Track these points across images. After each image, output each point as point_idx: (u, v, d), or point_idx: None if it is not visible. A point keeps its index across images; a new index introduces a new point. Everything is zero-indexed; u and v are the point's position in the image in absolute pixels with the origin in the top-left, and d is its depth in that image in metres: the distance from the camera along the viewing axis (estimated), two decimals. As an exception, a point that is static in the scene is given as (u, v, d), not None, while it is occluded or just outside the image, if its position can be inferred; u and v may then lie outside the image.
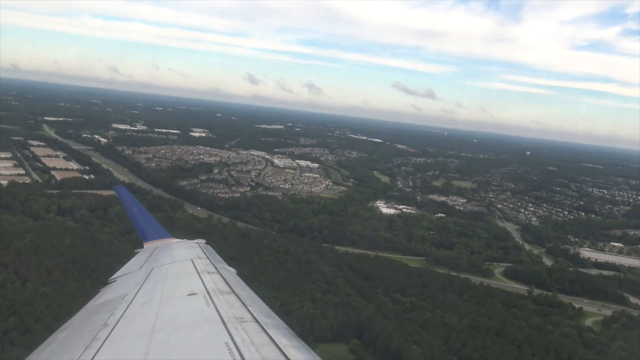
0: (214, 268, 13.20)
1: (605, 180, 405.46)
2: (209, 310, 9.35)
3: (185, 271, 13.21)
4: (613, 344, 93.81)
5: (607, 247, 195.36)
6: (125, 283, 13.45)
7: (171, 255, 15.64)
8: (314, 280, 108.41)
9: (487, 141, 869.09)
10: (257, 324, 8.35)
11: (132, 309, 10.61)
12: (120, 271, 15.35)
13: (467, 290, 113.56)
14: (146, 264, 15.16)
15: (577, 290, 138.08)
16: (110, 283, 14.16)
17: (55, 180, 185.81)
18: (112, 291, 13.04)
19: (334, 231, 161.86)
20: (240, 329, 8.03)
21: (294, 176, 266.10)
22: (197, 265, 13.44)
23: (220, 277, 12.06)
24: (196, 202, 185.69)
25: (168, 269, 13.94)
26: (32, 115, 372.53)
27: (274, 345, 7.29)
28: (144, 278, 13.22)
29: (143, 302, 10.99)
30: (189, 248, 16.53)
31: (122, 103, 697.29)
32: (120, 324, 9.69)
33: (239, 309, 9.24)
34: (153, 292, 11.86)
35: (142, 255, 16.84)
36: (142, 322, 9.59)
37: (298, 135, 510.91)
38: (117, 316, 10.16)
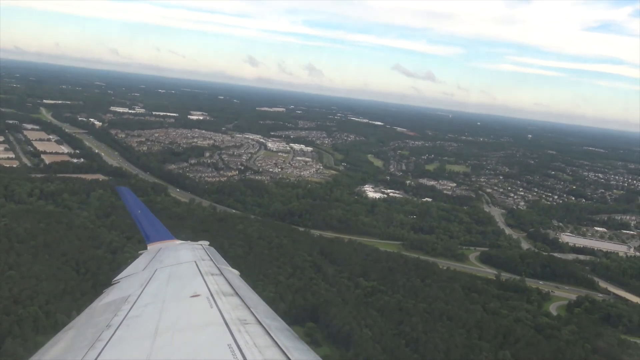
0: (218, 270, 13.31)
1: (604, 164, 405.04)
2: (212, 312, 9.44)
3: (189, 273, 13.34)
4: (565, 328, 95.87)
5: (589, 231, 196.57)
6: (129, 284, 13.57)
7: (174, 257, 15.80)
8: (281, 265, 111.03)
9: (492, 124, 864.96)
10: (260, 326, 8.44)
11: (136, 310, 10.74)
12: (124, 272, 15.50)
13: (432, 275, 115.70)
14: (150, 266, 15.23)
15: (549, 275, 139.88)
16: (114, 284, 14.29)
17: (44, 164, 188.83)
18: (115, 292, 13.15)
19: (314, 216, 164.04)
20: (243, 331, 8.12)
21: (285, 160, 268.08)
22: (200, 267, 13.57)
23: (224, 279, 12.18)
24: (182, 186, 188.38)
25: (171, 270, 14.08)
26: (30, 98, 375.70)
27: (277, 348, 7.37)
28: (148, 279, 13.34)
29: (146, 304, 11.13)
30: (192, 250, 16.65)
31: (125, 85, 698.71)
32: (124, 325, 9.82)
33: (242, 311, 9.33)
34: (156, 293, 11.99)
35: (146, 257, 16.98)
36: (145, 324, 9.72)
37: (297, 118, 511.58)
38: (121, 317, 10.30)
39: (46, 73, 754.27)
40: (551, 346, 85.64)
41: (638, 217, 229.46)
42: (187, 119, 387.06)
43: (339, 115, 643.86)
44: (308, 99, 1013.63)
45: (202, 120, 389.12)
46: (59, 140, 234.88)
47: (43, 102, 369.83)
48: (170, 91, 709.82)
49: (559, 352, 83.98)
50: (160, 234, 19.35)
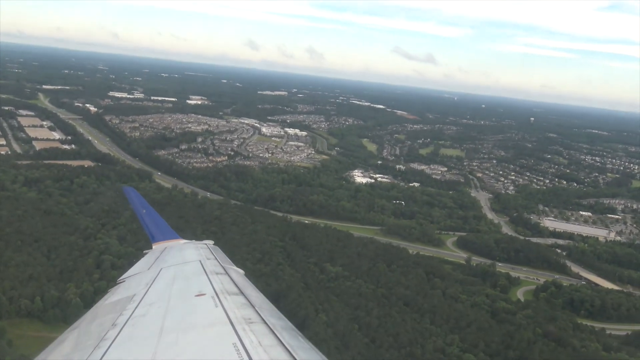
0: (222, 269, 13.39)
1: (603, 147, 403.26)
2: (217, 311, 9.48)
3: (194, 272, 13.39)
4: (521, 313, 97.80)
5: (574, 216, 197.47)
6: (134, 283, 13.63)
7: (179, 256, 15.81)
8: (251, 250, 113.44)
9: (497, 106, 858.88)
10: (265, 325, 8.45)
11: (141, 309, 10.81)
12: (129, 272, 15.46)
13: (398, 261, 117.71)
14: (155, 265, 15.24)
15: (522, 259, 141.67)
16: (119, 283, 14.33)
17: (34, 151, 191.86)
18: (120, 291, 13.22)
19: (295, 201, 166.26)
20: (249, 330, 8.16)
21: (277, 145, 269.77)
22: (205, 266, 13.65)
23: (229, 278, 12.23)
24: (169, 172, 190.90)
25: (176, 269, 14.14)
26: (30, 84, 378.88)
27: (282, 347, 7.39)
28: (153, 279, 13.43)
29: (151, 303, 11.20)
30: (197, 249, 16.69)
31: (128, 69, 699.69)
32: (129, 324, 9.88)
33: (247, 310, 9.35)
34: (162, 292, 12.08)
35: (151, 256, 16.98)
36: (150, 323, 9.77)
37: (298, 102, 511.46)
38: (126, 316, 10.36)
39: (50, 57, 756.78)
40: (501, 330, 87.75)
41: (626, 201, 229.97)
42: (185, 103, 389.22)
43: (341, 98, 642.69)
44: (312, 81, 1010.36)
45: (200, 105, 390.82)
46: (52, 126, 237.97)
47: (42, 87, 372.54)
48: (174, 75, 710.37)
49: (508, 335, 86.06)
50: (165, 234, 19.41)
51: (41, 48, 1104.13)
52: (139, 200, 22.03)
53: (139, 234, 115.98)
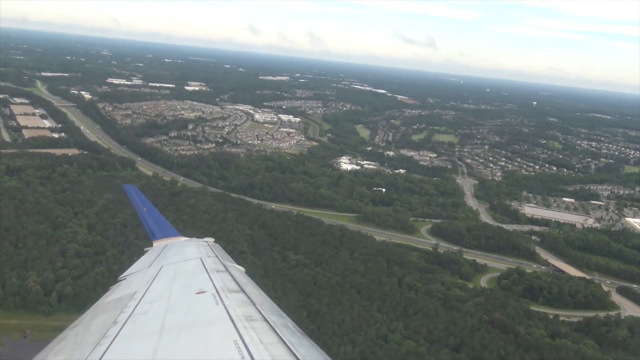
0: (223, 267, 13.41)
1: (602, 132, 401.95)
2: (218, 309, 9.52)
3: (195, 270, 13.42)
4: (473, 300, 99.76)
5: (556, 202, 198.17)
6: (135, 281, 13.68)
7: (180, 254, 15.94)
8: (216, 239, 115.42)
9: (503, 89, 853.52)
10: (266, 322, 8.53)
11: (142, 307, 10.83)
12: (130, 269, 15.62)
13: (362, 248, 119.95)
14: (155, 263, 15.36)
15: (493, 246, 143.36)
16: (120, 281, 14.41)
17: (22, 139, 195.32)
18: (121, 289, 13.30)
19: (274, 189, 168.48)
20: (249, 328, 8.21)
21: (268, 131, 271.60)
22: (206, 264, 13.68)
23: (229, 276, 12.26)
24: (154, 159, 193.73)
25: (177, 267, 14.18)
26: (29, 71, 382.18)
27: (282, 344, 7.45)
28: (154, 276, 13.45)
29: (152, 300, 11.21)
30: (197, 246, 16.83)
31: (131, 55, 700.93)
32: (130, 321, 9.92)
33: (248, 308, 9.40)
34: (162, 290, 12.07)
35: (152, 254, 17.16)
36: (151, 320, 9.82)
37: (298, 87, 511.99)
38: (127, 314, 10.40)
39: (55, 44, 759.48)
40: (447, 317, 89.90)
41: (614, 186, 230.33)
42: (183, 90, 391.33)
43: (343, 83, 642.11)
44: (317, 66, 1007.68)
45: (198, 91, 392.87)
46: (44, 114, 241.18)
47: (41, 74, 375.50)
48: (177, 60, 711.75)
49: (452, 323, 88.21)
50: (166, 231, 19.68)
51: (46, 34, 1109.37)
52: (139, 198, 22.19)
53: (107, 223, 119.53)
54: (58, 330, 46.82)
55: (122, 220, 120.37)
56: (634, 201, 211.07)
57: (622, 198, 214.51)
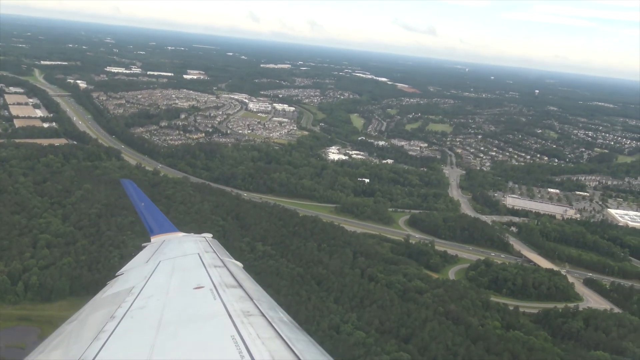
0: (221, 262, 13.44)
1: (601, 121, 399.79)
2: (216, 304, 9.55)
3: (192, 265, 13.44)
4: (432, 292, 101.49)
5: (540, 193, 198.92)
6: (133, 276, 13.70)
7: (178, 249, 15.98)
8: (187, 230, 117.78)
9: (508, 77, 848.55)
10: (263, 318, 8.56)
11: (140, 301, 10.85)
12: (128, 265, 15.71)
13: (330, 240, 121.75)
14: (153, 258, 15.39)
15: (467, 237, 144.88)
16: (118, 276, 14.48)
17: (12, 129, 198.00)
18: (119, 284, 13.34)
19: (256, 179, 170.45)
20: (247, 323, 8.25)
21: (261, 121, 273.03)
22: (204, 259, 13.72)
23: (227, 271, 12.30)
24: (141, 149, 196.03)
25: (175, 262, 14.22)
26: (28, 59, 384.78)
27: (280, 340, 7.49)
28: (151, 271, 13.45)
29: (150, 295, 11.24)
30: (195, 242, 16.92)
31: (134, 42, 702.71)
32: (128, 316, 9.96)
33: (245, 303, 9.44)
34: (160, 285, 12.11)
35: (150, 249, 17.13)
36: (149, 315, 9.84)
37: (299, 75, 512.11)
38: (125, 309, 10.41)
39: (59, 31, 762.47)
40: (401, 309, 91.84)
41: (602, 177, 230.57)
42: (182, 78, 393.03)
43: (346, 70, 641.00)
44: (321, 53, 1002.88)
45: (196, 80, 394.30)
46: (37, 104, 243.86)
47: (40, 63, 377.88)
48: (180, 48, 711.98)
49: (407, 314, 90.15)
50: (164, 227, 19.86)
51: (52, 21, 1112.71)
52: (137, 194, 22.25)
53: (82, 214, 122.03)
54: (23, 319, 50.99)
55: (97, 211, 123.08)
56: (620, 192, 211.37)
57: (608, 189, 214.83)
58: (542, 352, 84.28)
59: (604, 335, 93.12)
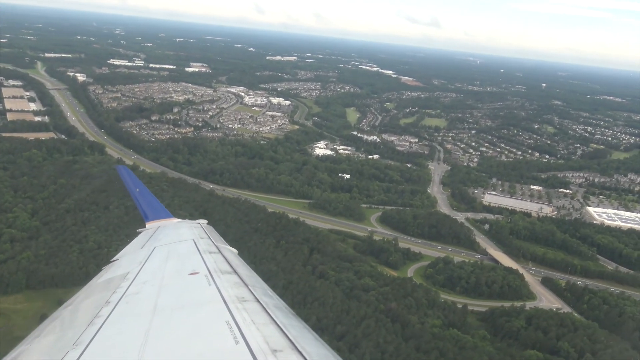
0: (216, 248, 13.51)
1: (605, 115, 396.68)
2: (211, 290, 9.58)
3: (187, 251, 13.47)
4: (380, 289, 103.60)
5: (522, 190, 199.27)
6: (128, 262, 13.68)
7: (173, 235, 16.04)
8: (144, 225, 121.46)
9: (520, 69, 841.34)
10: (258, 303, 8.62)
11: (135, 287, 10.87)
12: (123, 250, 15.66)
13: (289, 236, 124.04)
14: (148, 244, 15.35)
15: (435, 235, 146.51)
16: (113, 262, 14.45)
17: (3, 123, 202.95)
18: (114, 269, 13.31)
19: (234, 175, 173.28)
20: (242, 309, 8.28)
21: (253, 115, 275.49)
22: (199, 245, 13.73)
23: (222, 257, 12.35)
24: (127, 144, 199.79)
25: (170, 248, 14.20)
26: (32, 52, 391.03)
27: (274, 325, 7.61)
28: (146, 257, 13.47)
29: (145, 281, 11.22)
30: (190, 228, 16.97)
31: (144, 34, 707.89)
32: (123, 301, 10.01)
33: (240, 289, 9.47)
34: (155, 271, 12.09)
35: (144, 235, 17.17)
36: (144, 301, 9.87)
37: (303, 67, 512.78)
38: (120, 294, 10.44)
39: (70, 22, 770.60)
40: (343, 306, 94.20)
41: (590, 174, 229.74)
42: (183, 71, 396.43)
43: (353, 63, 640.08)
44: (333, 45, 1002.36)
45: (197, 73, 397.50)
46: (32, 97, 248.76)
47: (45, 55, 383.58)
48: (189, 40, 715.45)
49: (345, 311, 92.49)
50: (159, 213, 19.89)
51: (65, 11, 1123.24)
52: (131, 179, 22.41)
53: (51, 209, 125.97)
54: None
55: (66, 206, 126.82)
56: (605, 189, 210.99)
57: (594, 186, 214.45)
58: (472, 350, 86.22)
59: (543, 334, 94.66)
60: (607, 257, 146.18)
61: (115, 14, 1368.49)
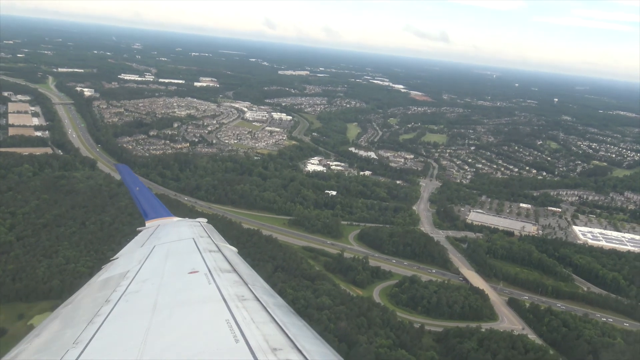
0: (216, 247, 13.53)
1: (613, 131, 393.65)
2: (210, 288, 9.67)
3: (187, 249, 13.50)
4: (336, 308, 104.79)
5: (510, 208, 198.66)
6: (128, 260, 13.76)
7: (173, 234, 16.03)
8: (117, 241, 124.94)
9: (535, 83, 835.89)
10: (257, 302, 8.72)
11: (134, 285, 10.91)
12: (123, 249, 15.74)
13: (257, 254, 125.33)
14: (148, 242, 15.40)
15: (409, 253, 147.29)
16: (113, 260, 14.56)
17: (3, 138, 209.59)
18: (114, 268, 13.34)
19: (219, 191, 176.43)
20: (241, 307, 8.38)
21: (252, 130, 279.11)
22: (198, 244, 13.79)
23: (222, 256, 12.37)
24: (120, 159, 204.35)
25: (170, 247, 14.27)
26: (46, 67, 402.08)
27: (274, 324, 7.65)
28: (146, 256, 13.49)
29: (145, 280, 11.26)
30: (190, 227, 16.88)
31: (160, 48, 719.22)
32: (123, 300, 10.09)
33: (240, 287, 9.57)
34: (155, 269, 12.15)
35: (144, 234, 17.25)
36: (143, 299, 9.97)
37: (311, 82, 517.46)
38: (119, 293, 10.51)
39: (90, 36, 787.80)
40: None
41: (585, 192, 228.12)
42: (192, 86, 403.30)
43: (365, 77, 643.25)
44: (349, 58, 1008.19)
45: (205, 87, 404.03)
46: (36, 112, 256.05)
47: (58, 70, 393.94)
48: (204, 54, 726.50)
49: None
50: (158, 211, 19.92)
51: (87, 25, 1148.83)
52: (131, 178, 22.78)
53: (29, 223, 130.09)
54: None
55: (44, 221, 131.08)
56: (597, 208, 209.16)
57: (586, 204, 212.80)
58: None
59: (492, 357, 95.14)
60: (583, 277, 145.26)
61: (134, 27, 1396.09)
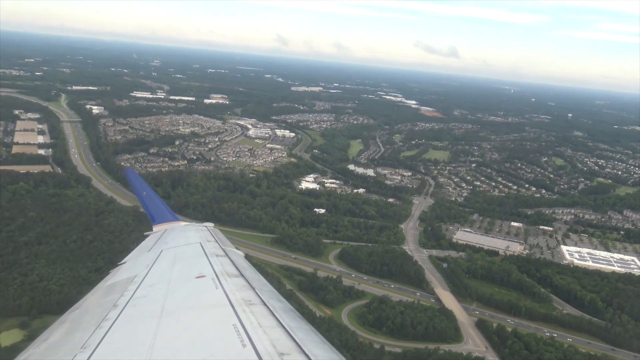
0: (222, 251, 13.69)
1: (625, 147, 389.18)
2: (218, 293, 9.82)
3: (194, 254, 13.63)
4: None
5: (501, 226, 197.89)
6: (135, 265, 13.91)
7: (180, 238, 16.21)
8: (94, 259, 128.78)
9: (551, 99, 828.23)
10: (265, 306, 8.81)
11: (142, 290, 11.14)
12: (131, 254, 15.98)
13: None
14: (155, 247, 15.60)
15: (386, 273, 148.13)
16: (120, 265, 14.71)
17: (6, 156, 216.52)
18: (121, 273, 13.53)
19: (207, 209, 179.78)
20: (249, 312, 8.48)
21: (253, 147, 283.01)
22: (205, 248, 13.90)
23: (229, 260, 12.59)
24: (116, 177, 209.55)
25: (177, 251, 14.41)
26: (61, 85, 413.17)
27: (281, 328, 7.72)
28: (154, 260, 13.65)
29: (152, 284, 11.52)
30: (197, 231, 17.10)
31: (178, 64, 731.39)
32: (130, 304, 10.26)
33: (247, 292, 9.70)
34: (162, 274, 12.35)
35: (152, 238, 17.39)
36: (151, 304, 10.11)
37: (324, 98, 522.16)
38: (127, 297, 10.71)
39: (112, 53, 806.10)
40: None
41: (582, 210, 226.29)
42: (202, 103, 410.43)
43: (378, 93, 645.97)
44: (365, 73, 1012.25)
45: (214, 104, 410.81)
46: (42, 130, 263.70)
47: (72, 88, 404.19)
48: (221, 70, 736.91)
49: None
50: (165, 216, 20.09)
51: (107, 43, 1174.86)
52: (138, 183, 22.92)
53: (11, 241, 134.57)
54: None
55: (27, 239, 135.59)
56: (592, 227, 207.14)
57: (580, 223, 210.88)
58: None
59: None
60: (562, 298, 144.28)
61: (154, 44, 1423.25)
